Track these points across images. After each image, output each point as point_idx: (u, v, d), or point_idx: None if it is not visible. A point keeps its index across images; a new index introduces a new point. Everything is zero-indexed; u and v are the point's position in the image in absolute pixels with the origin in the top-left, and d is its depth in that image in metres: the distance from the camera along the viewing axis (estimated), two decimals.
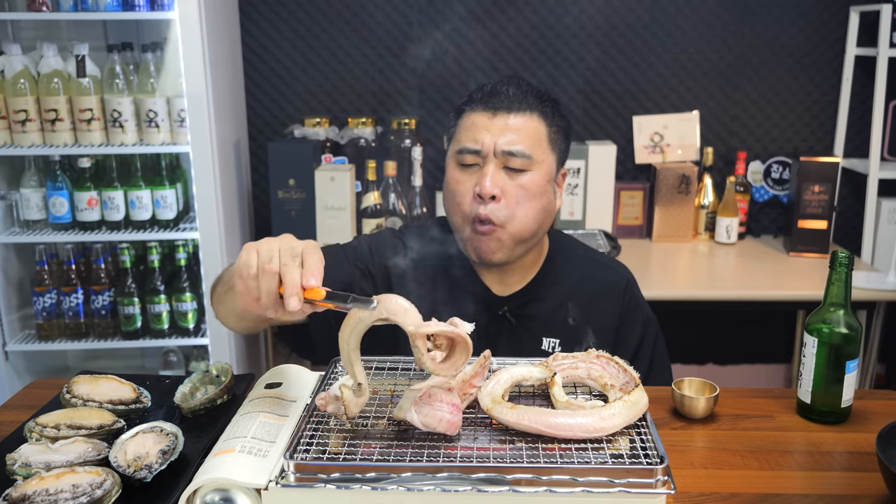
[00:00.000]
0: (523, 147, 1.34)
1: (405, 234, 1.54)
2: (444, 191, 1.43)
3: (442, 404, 0.95)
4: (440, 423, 0.94)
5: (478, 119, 1.37)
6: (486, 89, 1.39)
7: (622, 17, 2.86)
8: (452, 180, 1.40)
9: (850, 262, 1.21)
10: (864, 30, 2.80)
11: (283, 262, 0.99)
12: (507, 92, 1.37)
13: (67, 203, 2.52)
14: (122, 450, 1.01)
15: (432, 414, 0.94)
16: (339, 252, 1.48)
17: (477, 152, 1.36)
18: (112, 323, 2.63)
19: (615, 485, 0.87)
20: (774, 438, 1.19)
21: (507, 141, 1.34)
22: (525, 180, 1.35)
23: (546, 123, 1.38)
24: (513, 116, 1.36)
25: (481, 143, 1.35)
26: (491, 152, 1.35)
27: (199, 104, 2.42)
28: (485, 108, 1.37)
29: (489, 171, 1.34)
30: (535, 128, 1.36)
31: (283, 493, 0.89)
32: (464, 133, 1.38)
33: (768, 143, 2.98)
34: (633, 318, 1.50)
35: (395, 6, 2.84)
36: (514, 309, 1.46)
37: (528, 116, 1.36)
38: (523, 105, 1.36)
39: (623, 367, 1.08)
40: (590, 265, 1.53)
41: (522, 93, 1.37)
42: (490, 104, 1.37)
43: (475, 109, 1.38)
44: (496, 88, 1.38)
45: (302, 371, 1.19)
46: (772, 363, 3.19)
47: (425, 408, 0.95)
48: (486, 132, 1.35)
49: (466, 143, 1.37)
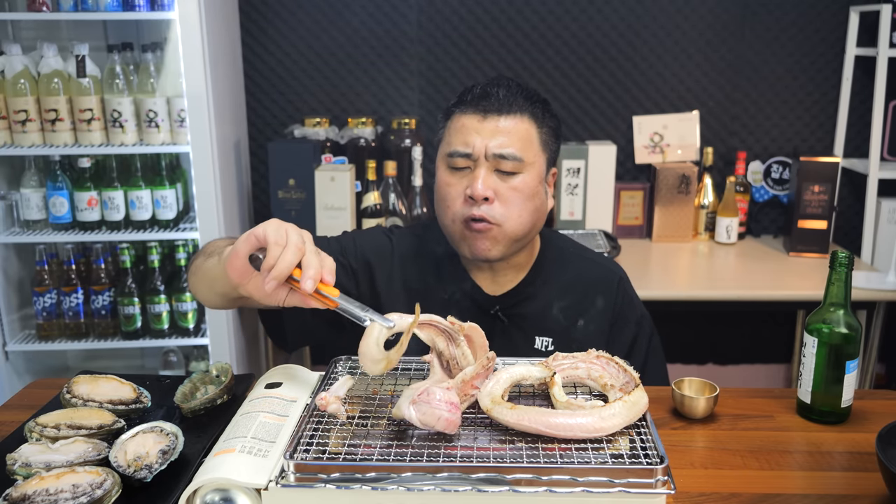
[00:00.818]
0: (514, 150, 1.34)
1: (395, 232, 1.54)
2: (435, 193, 1.42)
3: (440, 402, 0.95)
4: (438, 421, 0.94)
5: (468, 122, 1.36)
6: (475, 91, 1.38)
7: (622, 17, 2.86)
8: (443, 183, 1.39)
9: (850, 262, 1.21)
10: (864, 30, 2.80)
11: (308, 248, 1.05)
12: (498, 94, 1.36)
13: (67, 203, 2.52)
14: (122, 450, 1.01)
15: (430, 412, 0.94)
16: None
17: (468, 155, 1.35)
18: (112, 323, 2.63)
19: (615, 485, 0.87)
20: (774, 438, 1.19)
21: (498, 144, 1.33)
22: (517, 182, 1.35)
23: (537, 125, 1.38)
24: (503, 119, 1.35)
25: (472, 146, 1.34)
26: (482, 155, 1.34)
27: (199, 104, 2.42)
28: (475, 111, 1.36)
29: (480, 175, 1.33)
30: (525, 130, 1.36)
31: (283, 493, 0.90)
32: (454, 136, 1.37)
33: (768, 143, 2.98)
34: (626, 316, 1.50)
35: (395, 6, 2.84)
36: (505, 308, 1.46)
37: (518, 119, 1.35)
38: (513, 107, 1.35)
39: (623, 367, 1.08)
40: (582, 263, 1.52)
41: (512, 94, 1.36)
42: (480, 106, 1.36)
43: (465, 112, 1.37)
44: (486, 90, 1.37)
45: (302, 371, 1.19)
46: (772, 363, 3.19)
47: (423, 406, 0.95)
48: (477, 135, 1.34)
49: (457, 146, 1.36)
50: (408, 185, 2.79)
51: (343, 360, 1.17)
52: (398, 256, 1.49)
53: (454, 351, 1.05)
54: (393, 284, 1.47)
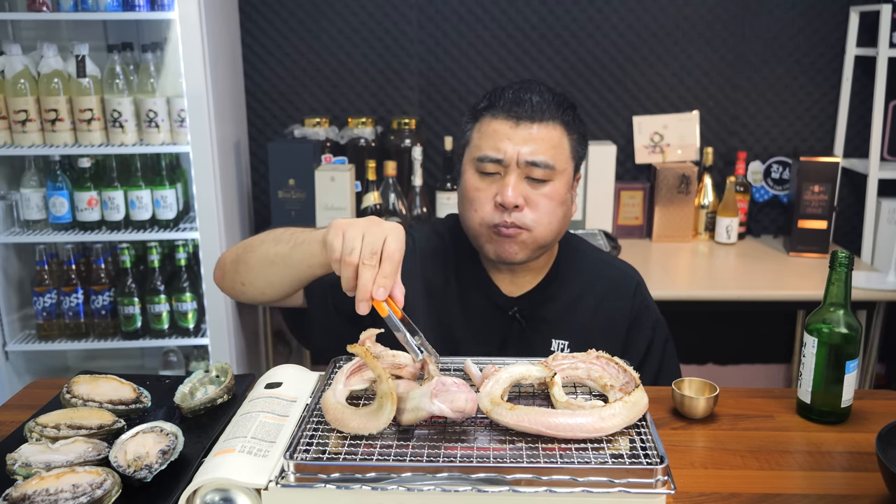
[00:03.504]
0: (546, 157, 1.33)
1: (414, 230, 1.53)
2: (461, 196, 1.41)
3: (458, 387, 0.97)
4: (467, 403, 0.96)
5: (500, 127, 1.34)
6: (507, 95, 1.36)
7: (622, 17, 2.85)
8: (471, 188, 1.37)
9: (850, 262, 1.21)
10: (864, 30, 2.80)
11: (363, 257, 1.05)
12: (531, 100, 1.34)
13: (67, 203, 2.52)
14: (122, 450, 1.01)
15: (457, 397, 0.96)
16: None
17: (499, 161, 1.34)
18: (112, 323, 2.63)
19: (615, 485, 0.87)
20: (774, 438, 1.19)
21: (530, 151, 1.32)
22: (547, 190, 1.34)
23: (568, 132, 1.37)
24: (536, 126, 1.34)
25: (504, 152, 1.33)
26: (514, 162, 1.33)
27: (199, 104, 2.42)
28: (507, 116, 1.34)
29: (511, 182, 1.32)
30: (557, 137, 1.35)
31: (283, 493, 0.90)
32: (485, 140, 1.36)
33: (768, 143, 2.98)
34: (642, 320, 1.50)
35: (395, 6, 2.84)
36: (524, 310, 1.45)
37: (551, 126, 1.35)
38: (546, 115, 1.34)
39: (623, 367, 1.08)
40: (600, 267, 1.52)
41: (545, 101, 1.35)
42: (513, 112, 1.34)
43: (497, 116, 1.35)
44: (519, 96, 1.35)
45: (302, 371, 1.19)
46: (772, 363, 3.19)
47: (446, 395, 0.96)
48: (509, 141, 1.33)
49: (488, 151, 1.34)
50: (408, 185, 2.79)
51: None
52: (419, 255, 1.48)
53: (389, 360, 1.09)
54: (413, 283, 1.45)
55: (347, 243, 1.05)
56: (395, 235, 1.07)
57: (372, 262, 1.04)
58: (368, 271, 1.03)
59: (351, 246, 1.05)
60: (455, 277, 1.47)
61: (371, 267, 1.04)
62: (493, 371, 1.05)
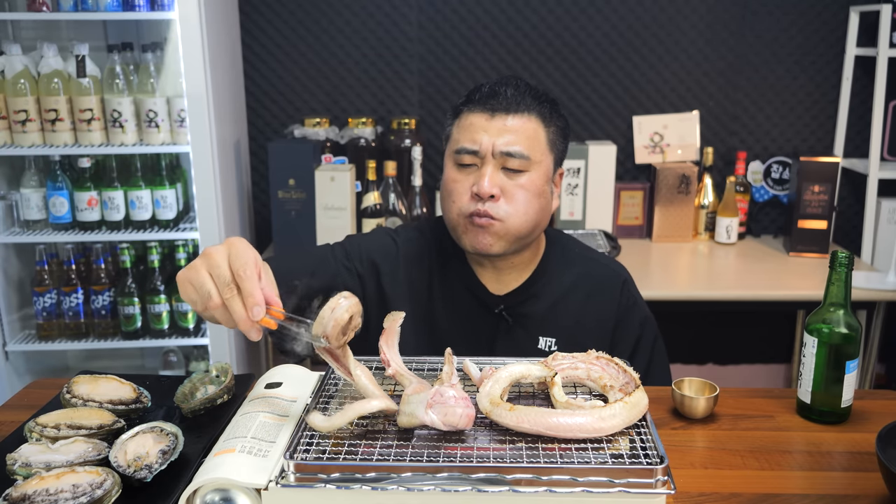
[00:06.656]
0: (521, 148, 1.35)
1: (399, 232, 1.54)
2: (442, 189, 1.44)
3: (456, 400, 0.96)
4: (460, 418, 0.95)
5: (476, 120, 1.37)
6: (484, 90, 1.39)
7: (622, 17, 2.86)
8: (450, 179, 1.40)
9: (850, 262, 1.21)
10: (864, 30, 2.80)
11: (222, 295, 0.98)
12: (506, 93, 1.37)
13: (67, 203, 2.52)
14: (122, 450, 1.01)
15: (451, 411, 0.95)
16: (325, 251, 1.50)
17: (475, 153, 1.36)
18: (112, 323, 2.63)
19: (615, 485, 0.87)
20: (774, 438, 1.19)
21: (505, 142, 1.35)
22: (523, 181, 1.36)
23: (544, 124, 1.39)
24: (511, 117, 1.36)
25: (479, 143, 1.36)
26: (489, 153, 1.35)
27: (199, 104, 2.42)
28: (483, 109, 1.37)
29: (487, 172, 1.35)
30: (533, 129, 1.37)
31: (283, 493, 0.89)
32: (462, 133, 1.39)
33: (768, 143, 2.98)
34: (629, 317, 1.50)
35: (395, 6, 2.84)
36: (510, 307, 1.46)
37: (526, 118, 1.37)
38: (521, 106, 1.37)
39: (623, 367, 1.08)
40: (586, 264, 1.53)
41: (521, 93, 1.38)
42: (488, 105, 1.37)
43: (473, 110, 1.39)
44: (494, 89, 1.38)
45: (302, 371, 1.19)
46: (772, 363, 3.19)
47: (441, 408, 0.95)
48: (485, 133, 1.36)
49: (464, 143, 1.37)
50: (408, 185, 2.79)
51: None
52: (403, 256, 1.50)
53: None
54: (398, 284, 1.47)
55: (200, 291, 0.98)
56: (235, 250, 1.00)
57: (232, 292, 0.97)
58: (235, 303, 0.97)
59: (205, 291, 0.98)
60: (441, 277, 1.48)
61: (234, 297, 0.97)
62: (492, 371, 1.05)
